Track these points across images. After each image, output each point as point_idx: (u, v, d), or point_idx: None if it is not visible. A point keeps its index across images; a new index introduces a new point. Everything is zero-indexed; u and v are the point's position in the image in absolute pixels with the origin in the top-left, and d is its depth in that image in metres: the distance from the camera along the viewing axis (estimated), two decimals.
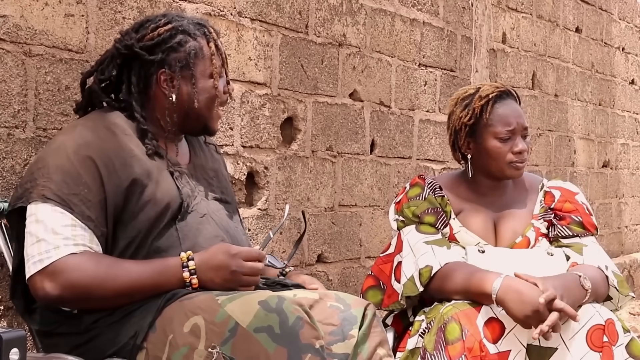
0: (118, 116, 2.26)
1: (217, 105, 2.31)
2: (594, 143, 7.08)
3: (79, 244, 2.08)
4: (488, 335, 2.45)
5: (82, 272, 2.06)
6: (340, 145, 4.12)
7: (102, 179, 2.12)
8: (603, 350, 2.45)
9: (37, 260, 2.07)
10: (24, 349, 1.77)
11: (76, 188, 2.10)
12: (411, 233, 2.72)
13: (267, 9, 3.64)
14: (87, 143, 2.15)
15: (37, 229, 2.08)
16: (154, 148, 2.23)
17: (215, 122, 2.34)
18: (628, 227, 7.76)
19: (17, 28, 2.54)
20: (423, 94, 4.77)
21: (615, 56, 7.44)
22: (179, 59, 2.25)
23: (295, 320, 1.97)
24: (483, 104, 2.74)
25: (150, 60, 2.25)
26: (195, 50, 2.26)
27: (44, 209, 2.09)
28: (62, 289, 2.06)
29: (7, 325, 2.51)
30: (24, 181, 2.16)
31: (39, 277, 2.07)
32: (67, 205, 2.08)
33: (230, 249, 2.13)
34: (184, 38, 2.27)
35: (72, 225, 2.09)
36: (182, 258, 2.11)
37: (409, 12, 4.62)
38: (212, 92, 2.29)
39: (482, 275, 2.51)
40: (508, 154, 2.71)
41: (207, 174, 2.38)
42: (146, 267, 2.11)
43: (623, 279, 2.73)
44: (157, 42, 2.26)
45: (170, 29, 2.27)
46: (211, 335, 1.98)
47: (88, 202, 2.10)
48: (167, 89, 2.26)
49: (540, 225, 2.79)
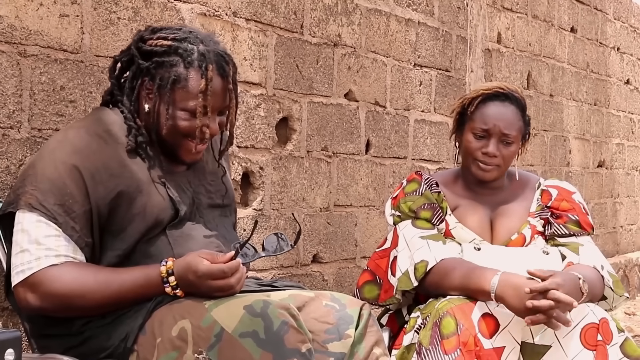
0: (116, 115, 2.23)
1: (187, 137, 2.21)
2: (589, 143, 7.09)
3: (60, 255, 2.09)
4: (483, 330, 2.45)
5: (62, 283, 2.06)
6: (335, 146, 4.12)
7: (87, 189, 2.11)
8: (597, 348, 2.46)
9: (20, 270, 2.09)
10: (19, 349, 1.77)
11: (61, 198, 2.09)
12: (407, 228, 2.73)
13: (262, 9, 3.64)
14: (76, 151, 2.13)
15: (22, 239, 2.09)
16: (134, 145, 2.18)
17: (185, 154, 2.24)
18: (623, 227, 7.77)
19: (12, 28, 2.54)
20: (418, 94, 4.78)
21: (610, 56, 7.45)
22: (161, 77, 2.18)
23: (280, 325, 1.96)
24: (473, 97, 2.75)
25: (140, 64, 2.22)
26: (177, 77, 2.17)
27: (30, 219, 2.09)
28: (42, 300, 2.07)
29: (2, 325, 2.51)
30: (16, 186, 2.17)
31: (22, 289, 2.08)
32: (51, 216, 2.08)
33: (198, 269, 2.05)
34: (176, 61, 2.19)
35: (56, 235, 2.09)
36: (162, 273, 2.08)
37: (404, 12, 4.62)
38: (181, 125, 2.19)
39: (480, 273, 2.52)
40: (477, 152, 2.72)
41: (205, 179, 2.35)
42: (127, 277, 2.09)
43: (618, 279, 2.74)
44: (152, 52, 2.22)
45: (169, 46, 2.21)
46: (198, 340, 1.98)
47: (73, 213, 2.10)
48: (145, 98, 2.22)
49: (536, 223, 2.80)
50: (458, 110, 2.80)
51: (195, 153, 2.25)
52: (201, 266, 2.05)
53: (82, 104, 2.75)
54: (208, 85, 2.18)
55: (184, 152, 2.24)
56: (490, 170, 2.72)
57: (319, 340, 2.14)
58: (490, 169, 2.72)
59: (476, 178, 2.77)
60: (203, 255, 2.07)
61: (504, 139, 2.72)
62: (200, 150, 2.25)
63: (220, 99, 2.23)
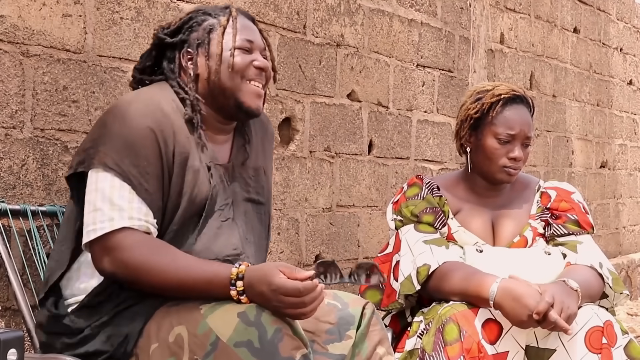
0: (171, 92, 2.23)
1: (245, 78, 2.22)
2: (592, 143, 7.08)
3: (133, 218, 2.07)
4: (486, 336, 2.45)
5: (136, 255, 2.04)
6: (338, 146, 4.12)
7: (161, 152, 2.11)
8: (602, 352, 2.45)
9: (91, 229, 2.07)
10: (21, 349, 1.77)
11: (136, 159, 2.08)
12: (410, 232, 2.72)
13: (265, 9, 3.64)
14: (149, 113, 2.12)
15: (95, 198, 2.07)
16: (191, 114, 2.19)
17: (248, 97, 2.22)
18: (626, 227, 7.76)
19: (15, 28, 2.54)
20: (421, 94, 4.77)
21: (613, 57, 7.45)
22: (198, 37, 2.23)
23: (274, 333, 1.94)
24: (493, 102, 2.73)
25: (173, 42, 2.25)
26: (212, 26, 2.23)
27: (104, 178, 2.07)
28: (115, 267, 2.05)
29: (5, 325, 2.51)
30: (84, 145, 2.14)
31: (99, 250, 2.07)
32: (126, 177, 2.07)
33: (272, 281, 1.98)
34: (204, 17, 2.26)
35: (130, 197, 2.07)
36: (232, 275, 2.03)
37: (406, 12, 4.62)
38: (232, 62, 2.20)
39: (480, 278, 2.51)
40: (503, 158, 2.71)
41: (246, 173, 2.33)
42: (196, 269, 2.05)
43: (618, 277, 2.73)
44: (179, 26, 2.27)
45: (192, 12, 2.29)
46: (194, 347, 1.97)
47: (147, 175, 2.09)
48: (190, 67, 2.24)
49: (537, 225, 2.80)
50: (473, 115, 2.78)
51: (257, 96, 2.24)
52: (276, 279, 1.98)
53: (84, 104, 2.75)
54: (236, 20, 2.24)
55: (248, 95, 2.23)
56: (515, 174, 2.73)
57: (319, 340, 2.13)
58: (515, 173, 2.73)
59: (496, 182, 2.76)
60: (281, 269, 2.00)
61: (525, 142, 2.72)
62: (262, 94, 2.25)
63: (258, 37, 2.28)
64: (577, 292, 2.50)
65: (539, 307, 2.38)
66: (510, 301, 2.42)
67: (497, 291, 2.44)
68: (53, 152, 2.66)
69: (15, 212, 2.44)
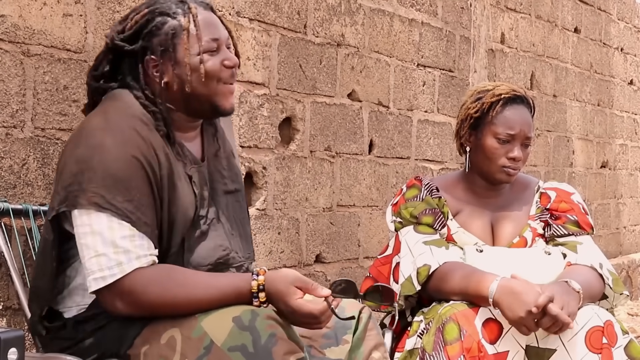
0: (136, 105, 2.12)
1: (219, 81, 2.12)
2: (593, 143, 7.08)
3: (141, 256, 2.00)
4: (486, 336, 2.45)
5: (153, 294, 1.99)
6: (338, 146, 4.12)
7: (150, 178, 2.03)
8: (602, 352, 2.45)
9: (100, 277, 1.99)
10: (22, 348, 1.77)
11: (129, 194, 1.99)
12: (409, 234, 2.72)
13: (266, 9, 3.64)
14: (128, 140, 2.02)
15: (94, 242, 1.98)
16: (164, 129, 2.10)
17: (223, 99, 2.14)
18: (626, 227, 7.76)
19: (16, 28, 2.54)
20: (421, 94, 4.77)
21: (614, 56, 7.45)
22: (160, 43, 2.09)
23: (268, 337, 1.93)
24: (493, 101, 2.73)
25: (132, 50, 2.12)
26: (174, 30, 2.09)
27: (99, 219, 1.98)
28: (132, 310, 2.00)
29: (6, 324, 2.51)
30: (66, 183, 2.01)
31: (108, 295, 2.00)
32: (124, 215, 1.98)
33: (289, 303, 1.99)
34: (162, 19, 2.10)
35: (131, 235, 1.99)
36: (253, 288, 2.01)
37: (407, 12, 4.62)
38: (204, 68, 2.09)
39: (480, 277, 2.51)
40: (502, 157, 2.71)
41: (220, 164, 2.27)
42: (213, 287, 2.02)
43: (618, 277, 2.73)
44: (136, 30, 2.12)
45: (147, 13, 2.11)
46: (186, 350, 1.95)
47: (142, 207, 2.01)
48: (157, 75, 2.12)
49: (536, 225, 2.80)
50: (473, 114, 2.78)
51: (231, 94, 2.16)
52: (293, 301, 1.99)
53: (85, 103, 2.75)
54: (197, 20, 2.10)
55: (223, 97, 2.14)
56: (514, 174, 2.73)
57: (316, 345, 2.12)
58: (514, 173, 2.72)
59: (495, 182, 2.76)
60: (298, 285, 2.01)
61: (525, 142, 2.72)
62: (234, 91, 2.18)
63: (221, 30, 2.16)
64: (579, 293, 2.50)
65: (538, 300, 2.38)
66: (509, 297, 2.41)
67: (497, 288, 2.44)
68: (54, 152, 2.66)
69: (16, 212, 2.44)
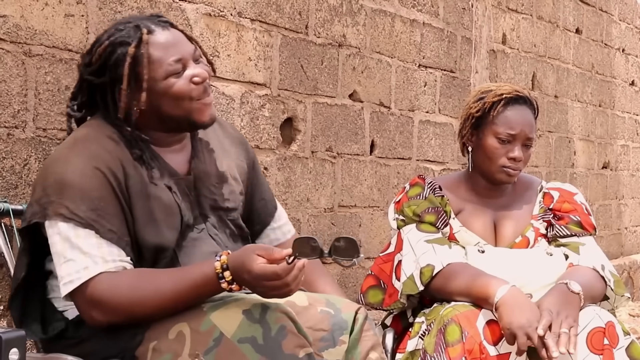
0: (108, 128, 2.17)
1: (191, 100, 2.14)
2: (594, 144, 7.08)
3: (108, 261, 2.04)
4: (488, 337, 2.44)
5: (121, 295, 2.02)
6: (340, 146, 4.12)
7: (114, 188, 2.08)
8: (604, 352, 2.45)
9: (68, 281, 2.04)
10: (23, 349, 1.77)
11: (92, 203, 2.04)
12: (412, 232, 2.72)
13: (267, 10, 3.64)
14: (93, 154, 2.09)
15: (63, 249, 2.04)
16: (139, 153, 2.15)
17: (199, 115, 2.17)
18: (628, 228, 7.76)
19: (17, 28, 2.54)
20: (423, 94, 4.77)
21: (615, 57, 7.44)
22: (126, 74, 2.12)
23: (279, 330, 1.95)
24: (495, 101, 2.73)
25: (102, 82, 2.17)
26: (134, 59, 2.11)
27: (67, 229, 2.04)
28: (107, 316, 2.03)
29: (7, 325, 2.51)
30: (37, 197, 2.09)
31: (81, 302, 2.04)
32: (87, 224, 2.04)
33: (252, 269, 1.97)
34: (123, 50, 2.12)
35: (97, 242, 2.04)
36: (217, 269, 2.01)
37: (409, 12, 4.62)
38: (174, 89, 2.12)
39: (487, 280, 2.51)
40: (502, 157, 2.71)
41: (209, 181, 2.29)
42: (183, 277, 2.04)
43: (619, 279, 2.73)
44: (101, 64, 2.16)
45: (108, 46, 2.14)
46: (195, 343, 1.97)
47: (108, 216, 2.05)
48: (129, 103, 2.14)
49: (539, 225, 2.80)
50: (474, 114, 2.77)
51: (207, 107, 2.17)
52: (255, 266, 1.96)
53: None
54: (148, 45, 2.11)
55: (198, 112, 2.16)
56: (514, 174, 2.72)
57: (315, 349, 2.12)
58: (514, 173, 2.72)
59: (496, 182, 2.76)
60: (258, 252, 1.99)
61: (526, 142, 2.72)
62: (210, 103, 2.18)
63: (184, 46, 2.17)
64: (579, 294, 2.50)
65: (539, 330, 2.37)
66: (514, 305, 2.41)
67: (505, 293, 2.44)
68: None
69: (18, 212, 2.44)
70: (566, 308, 2.45)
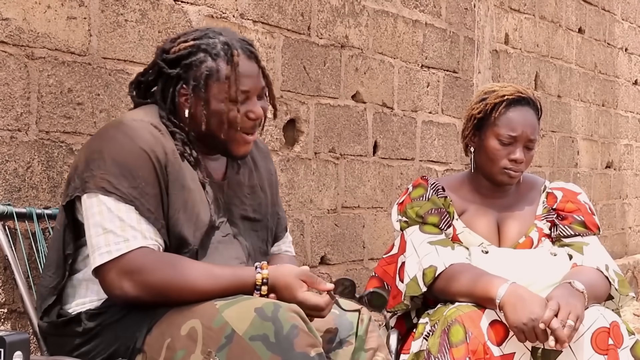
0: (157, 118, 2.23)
1: (239, 131, 2.21)
2: (597, 144, 7.07)
3: (147, 237, 2.08)
4: (492, 338, 2.44)
5: (161, 275, 2.05)
6: (343, 147, 4.12)
7: (156, 171, 2.12)
8: (608, 352, 2.45)
9: (105, 251, 2.06)
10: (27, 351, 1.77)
11: (134, 181, 2.08)
12: (415, 233, 2.72)
13: (270, 11, 3.64)
14: (139, 135, 2.13)
15: (102, 221, 2.07)
16: (182, 149, 2.20)
17: (237, 146, 2.23)
18: (632, 228, 7.75)
19: (20, 31, 2.54)
20: (426, 95, 4.77)
21: (618, 57, 7.44)
22: (194, 77, 2.19)
23: (290, 328, 1.96)
24: (497, 103, 2.73)
25: (170, 73, 2.22)
26: (210, 71, 2.18)
27: (108, 201, 2.07)
28: (140, 290, 2.06)
29: (11, 328, 2.51)
30: (79, 171, 2.12)
31: (116, 276, 2.06)
32: (129, 199, 2.07)
33: (296, 296, 2.08)
34: (203, 57, 2.19)
35: (137, 219, 2.08)
36: (257, 281, 2.09)
37: (411, 13, 4.62)
38: (225, 116, 2.19)
39: (489, 279, 2.51)
40: (504, 159, 2.70)
41: (241, 191, 2.33)
42: (218, 277, 2.08)
43: (624, 279, 2.72)
44: (178, 57, 2.22)
45: (192, 46, 2.22)
46: (208, 340, 1.98)
47: (146, 195, 2.09)
48: (185, 104, 2.21)
49: (543, 225, 2.79)
50: (476, 115, 2.77)
51: (247, 144, 2.24)
52: (300, 294, 2.08)
53: (89, 106, 2.76)
54: (236, 69, 2.19)
55: (236, 145, 2.23)
56: (516, 176, 2.72)
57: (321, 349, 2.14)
58: (516, 175, 2.71)
59: (497, 184, 2.75)
60: (303, 278, 2.10)
61: (528, 144, 2.71)
62: (251, 140, 2.25)
63: (256, 81, 2.24)
64: (583, 293, 2.50)
65: (544, 316, 2.37)
66: (516, 302, 2.41)
67: (506, 291, 2.44)
68: (58, 155, 2.66)
69: (21, 215, 2.44)
70: (573, 301, 2.45)
